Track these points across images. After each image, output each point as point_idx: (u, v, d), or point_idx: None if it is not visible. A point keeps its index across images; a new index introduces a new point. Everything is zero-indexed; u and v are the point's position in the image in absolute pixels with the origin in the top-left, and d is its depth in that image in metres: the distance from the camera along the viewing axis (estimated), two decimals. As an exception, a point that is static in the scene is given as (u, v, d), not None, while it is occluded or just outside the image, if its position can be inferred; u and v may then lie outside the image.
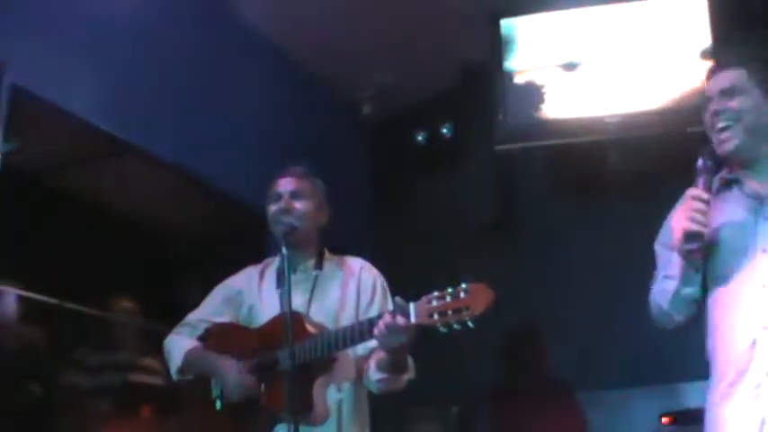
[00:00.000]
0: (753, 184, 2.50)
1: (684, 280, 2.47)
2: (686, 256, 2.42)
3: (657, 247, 2.66)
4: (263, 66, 5.42)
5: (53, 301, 4.99)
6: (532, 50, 5.06)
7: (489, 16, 5.10)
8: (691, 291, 2.48)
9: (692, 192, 2.43)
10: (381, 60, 5.65)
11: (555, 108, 4.96)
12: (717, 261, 2.46)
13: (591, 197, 5.20)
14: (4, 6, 3.76)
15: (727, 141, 2.49)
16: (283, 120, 5.43)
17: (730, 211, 2.48)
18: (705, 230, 2.38)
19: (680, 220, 2.41)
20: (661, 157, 4.81)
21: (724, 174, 2.57)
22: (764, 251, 2.39)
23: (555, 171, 5.45)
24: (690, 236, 2.37)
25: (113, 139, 4.44)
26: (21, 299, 4.91)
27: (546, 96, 4.98)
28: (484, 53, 5.20)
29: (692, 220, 2.36)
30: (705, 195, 2.40)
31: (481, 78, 5.40)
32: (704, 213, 2.37)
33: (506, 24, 5.11)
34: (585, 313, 4.89)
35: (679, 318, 2.54)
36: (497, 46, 5.08)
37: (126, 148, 4.64)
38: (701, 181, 2.46)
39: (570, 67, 4.99)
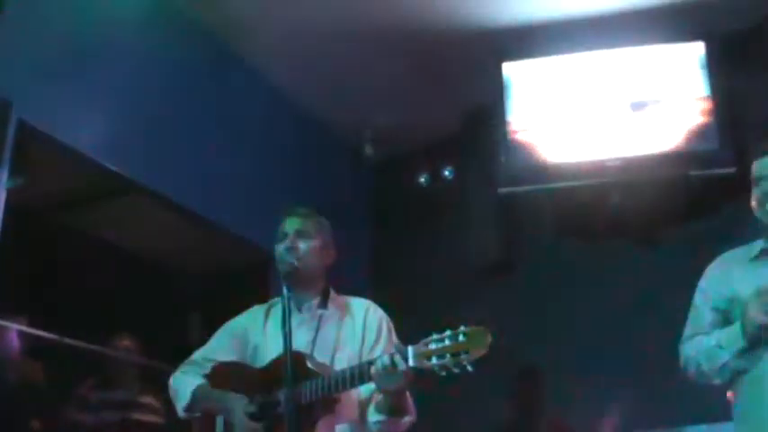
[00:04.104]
0: None
1: (741, 357, 2.72)
2: (755, 341, 2.66)
3: (699, 299, 2.92)
4: (266, 107, 5.46)
5: (54, 336, 4.98)
6: (534, 94, 5.10)
7: (492, 60, 5.14)
8: (741, 364, 2.73)
9: None
10: (383, 102, 5.69)
11: (557, 151, 4.98)
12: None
13: (594, 240, 5.20)
14: (10, 45, 3.80)
15: None
16: (286, 161, 5.47)
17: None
18: None
19: (758, 312, 2.61)
20: (663, 201, 4.83)
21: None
22: None
23: (557, 214, 5.44)
24: None
25: (118, 178, 4.47)
26: (22, 335, 4.91)
27: (548, 139, 5.01)
28: (485, 96, 5.24)
29: None
30: None
31: (483, 121, 5.43)
32: None
33: (508, 68, 5.16)
34: (589, 355, 4.87)
35: (718, 381, 2.83)
36: (500, 89, 5.12)
37: (131, 187, 4.67)
38: None
39: (571, 110, 5.02)
